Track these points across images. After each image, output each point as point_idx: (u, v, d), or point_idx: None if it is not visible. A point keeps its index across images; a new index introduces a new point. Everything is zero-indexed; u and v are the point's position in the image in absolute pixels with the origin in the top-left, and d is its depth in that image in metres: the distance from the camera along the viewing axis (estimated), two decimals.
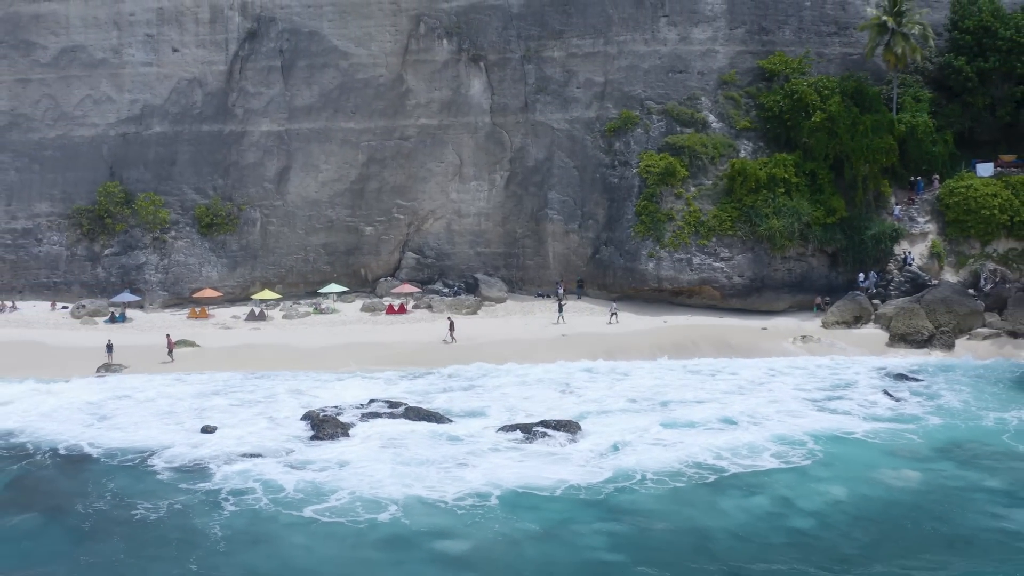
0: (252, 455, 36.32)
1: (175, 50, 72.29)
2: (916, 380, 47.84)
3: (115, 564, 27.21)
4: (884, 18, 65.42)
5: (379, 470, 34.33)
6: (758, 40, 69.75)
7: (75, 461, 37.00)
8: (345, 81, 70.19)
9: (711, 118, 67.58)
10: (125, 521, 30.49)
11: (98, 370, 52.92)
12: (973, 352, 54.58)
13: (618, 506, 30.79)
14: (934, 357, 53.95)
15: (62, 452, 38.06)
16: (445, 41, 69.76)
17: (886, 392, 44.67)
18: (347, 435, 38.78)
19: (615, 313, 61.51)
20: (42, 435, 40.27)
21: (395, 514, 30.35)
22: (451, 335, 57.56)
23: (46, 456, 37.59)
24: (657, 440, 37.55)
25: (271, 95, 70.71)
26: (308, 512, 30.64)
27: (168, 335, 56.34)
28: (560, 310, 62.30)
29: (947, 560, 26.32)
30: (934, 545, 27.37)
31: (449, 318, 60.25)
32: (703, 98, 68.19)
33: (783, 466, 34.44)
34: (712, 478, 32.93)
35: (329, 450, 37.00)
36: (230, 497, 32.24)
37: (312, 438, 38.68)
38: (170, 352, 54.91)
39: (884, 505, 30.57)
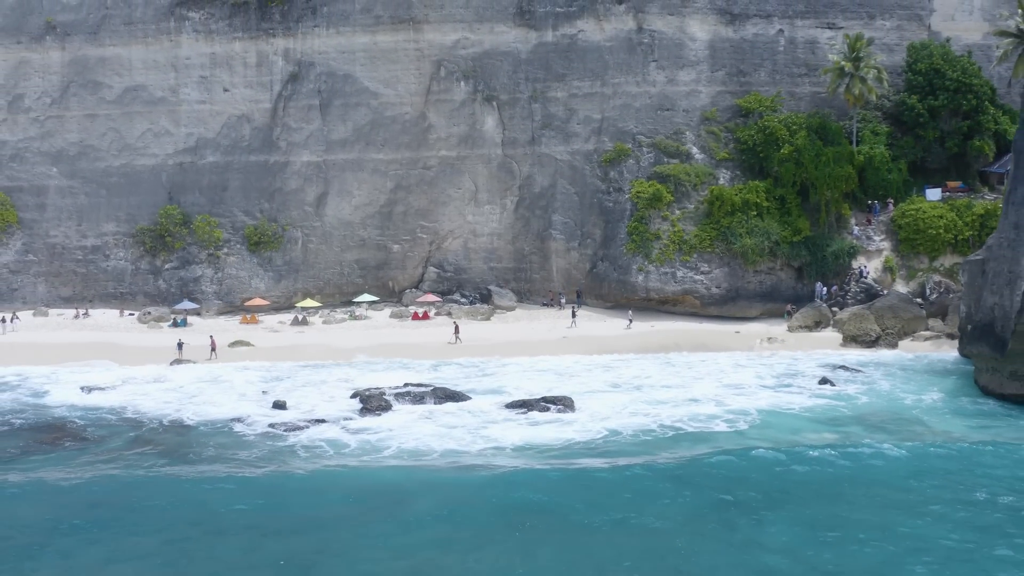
0: (318, 421, 47.28)
1: (226, 90, 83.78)
2: (857, 371, 58.52)
3: (227, 493, 37.97)
4: (843, 64, 76.55)
5: (419, 432, 45.30)
6: (736, 81, 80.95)
7: (179, 427, 47.98)
8: (375, 118, 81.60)
9: (694, 150, 78.72)
10: (229, 464, 41.42)
11: (171, 364, 64.02)
12: (913, 350, 65.35)
13: (606, 450, 41.93)
14: (878, 354, 64.69)
15: (166, 422, 49.04)
16: (462, 83, 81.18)
17: (825, 379, 55.44)
18: (390, 409, 49.71)
19: (631, 320, 72.38)
20: (145, 410, 51.33)
21: (435, 460, 41.25)
22: (456, 337, 68.51)
23: (155, 424, 48.60)
24: (635, 412, 48.45)
25: (310, 130, 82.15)
26: (367, 459, 41.58)
27: (212, 336, 67.38)
28: (574, 315, 73.50)
29: (827, 489, 36.92)
30: (824, 480, 37.94)
31: (455, 323, 71.35)
32: (687, 132, 79.38)
33: (727, 429, 45.44)
34: (671, 434, 43.92)
35: (377, 420, 47.95)
36: (305, 450, 43.16)
37: (361, 411, 49.60)
38: (213, 350, 65.87)
39: (796, 452, 41.28)
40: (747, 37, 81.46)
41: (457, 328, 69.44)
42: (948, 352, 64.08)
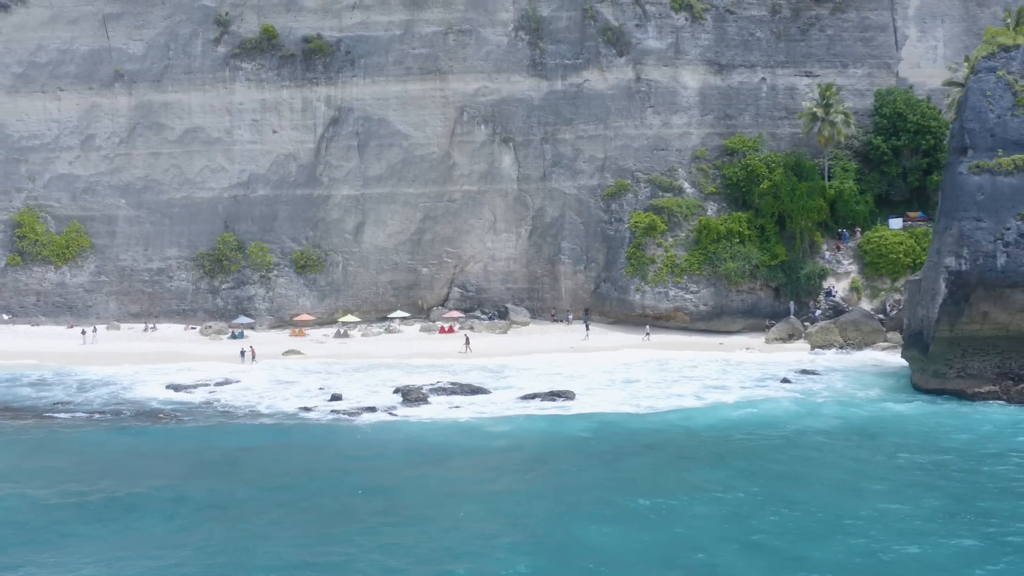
0: (369, 409, 59.74)
1: (274, 131, 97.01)
2: (819, 374, 70.61)
3: (313, 448, 50.29)
4: (815, 110, 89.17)
5: (453, 413, 57.75)
6: (723, 124, 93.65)
7: (260, 414, 60.30)
8: (406, 157, 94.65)
9: (685, 185, 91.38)
10: (310, 434, 53.84)
11: (238, 368, 76.62)
12: (870, 359, 77.36)
13: (599, 420, 54.21)
14: (840, 361, 76.73)
15: (245, 411, 61.44)
16: (482, 126, 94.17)
17: (786, 379, 67.64)
18: (426, 401, 62.10)
19: (648, 334, 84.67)
20: (227, 403, 63.72)
21: (465, 426, 53.81)
22: (467, 347, 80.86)
23: (239, 412, 61.08)
24: (622, 401, 60.76)
25: (349, 167, 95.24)
26: (414, 431, 54.09)
27: (252, 346, 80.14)
28: (587, 328, 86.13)
29: (753, 452, 49.03)
30: (738, 445, 49.81)
31: (465, 335, 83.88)
32: (679, 169, 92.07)
33: (697, 404, 57.85)
34: (649, 412, 56.41)
35: (416, 409, 60.32)
36: (363, 430, 55.58)
37: (403, 402, 61.92)
38: (253, 358, 78.48)
39: (740, 424, 53.46)
40: (733, 85, 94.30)
41: (468, 340, 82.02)
42: (899, 359, 76.04)
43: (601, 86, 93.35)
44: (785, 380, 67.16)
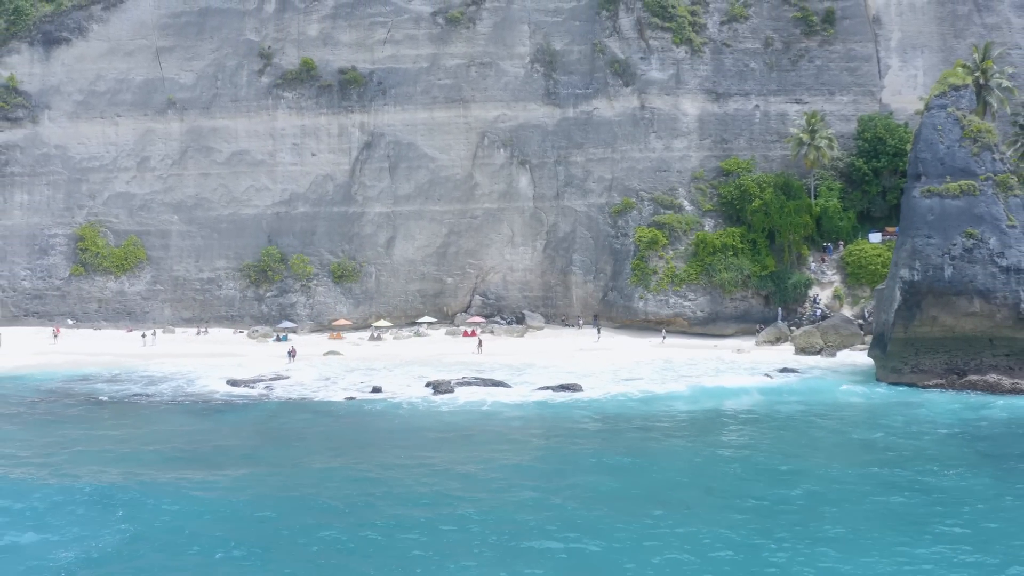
0: (406, 398, 70.88)
1: (313, 154, 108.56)
2: (796, 371, 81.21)
3: (360, 425, 61.39)
4: (801, 135, 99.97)
5: (476, 401, 68.84)
6: (720, 148, 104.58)
7: (313, 403, 71.18)
8: (433, 177, 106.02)
9: (685, 203, 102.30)
10: (361, 416, 64.94)
11: (285, 366, 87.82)
12: (847, 358, 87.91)
13: (602, 405, 65.09)
14: (820, 361, 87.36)
15: (297, 400, 72.50)
16: (502, 150, 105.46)
17: (767, 374, 78.41)
18: (453, 392, 73.12)
19: (665, 336, 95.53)
20: (281, 394, 74.72)
21: (487, 411, 64.84)
22: (479, 349, 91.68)
23: (291, 404, 72.07)
24: (624, 389, 71.69)
25: (381, 187, 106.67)
26: (444, 414, 65.16)
27: (293, 347, 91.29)
28: (599, 332, 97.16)
29: (735, 427, 59.92)
30: (712, 423, 60.48)
31: (479, 338, 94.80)
32: (680, 189, 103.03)
33: (684, 391, 68.66)
34: (643, 396, 67.44)
35: (446, 397, 71.34)
36: (402, 413, 66.67)
37: (433, 393, 72.91)
38: (290, 356, 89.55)
39: (722, 409, 64.19)
40: (729, 112, 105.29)
41: (480, 342, 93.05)
42: (870, 359, 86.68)
43: (609, 113, 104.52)
44: (767, 375, 77.92)
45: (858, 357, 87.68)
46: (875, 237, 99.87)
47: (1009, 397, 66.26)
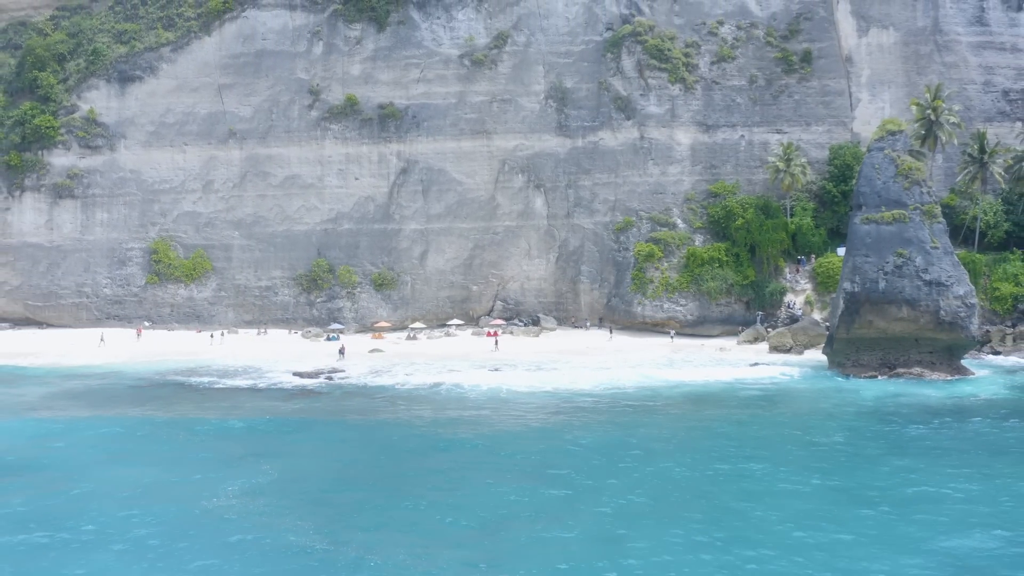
0: (442, 384, 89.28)
1: (356, 179, 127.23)
2: (766, 365, 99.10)
3: (416, 409, 79.85)
4: (778, 163, 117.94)
5: (497, 387, 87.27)
6: (709, 173, 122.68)
7: (371, 388, 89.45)
8: (460, 199, 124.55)
9: (678, 221, 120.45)
10: (411, 397, 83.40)
11: (337, 361, 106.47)
12: (813, 355, 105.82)
13: (602, 392, 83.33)
14: (789, 357, 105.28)
15: (359, 386, 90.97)
16: (520, 175, 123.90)
17: (741, 367, 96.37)
18: (479, 379, 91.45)
19: (673, 338, 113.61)
20: (342, 383, 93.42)
21: (505, 395, 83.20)
22: (496, 347, 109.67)
23: (354, 389, 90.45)
24: (623, 382, 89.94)
25: (415, 207, 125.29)
26: (472, 396, 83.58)
27: (343, 345, 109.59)
28: (611, 332, 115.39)
29: (697, 406, 78.07)
30: (679, 403, 78.92)
31: (495, 338, 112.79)
32: (674, 209, 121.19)
33: (670, 380, 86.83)
34: (632, 387, 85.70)
35: (474, 383, 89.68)
36: (443, 395, 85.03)
37: (464, 381, 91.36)
38: (341, 353, 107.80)
39: (691, 392, 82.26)
40: (718, 141, 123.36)
41: (497, 342, 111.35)
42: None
43: (612, 143, 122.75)
44: (741, 368, 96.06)
45: (819, 354, 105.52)
46: (842, 251, 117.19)
47: (928, 387, 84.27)
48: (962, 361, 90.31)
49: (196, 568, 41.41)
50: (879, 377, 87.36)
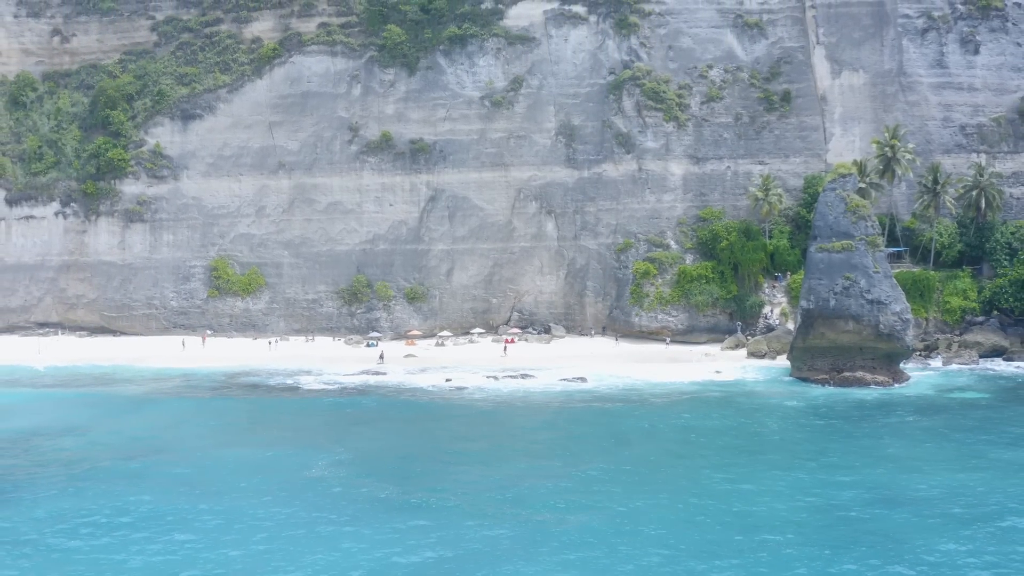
0: (469, 385, 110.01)
1: (391, 205, 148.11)
2: (741, 368, 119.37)
3: (448, 405, 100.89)
4: (757, 193, 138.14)
5: (516, 387, 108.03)
6: (699, 200, 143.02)
7: (407, 389, 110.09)
8: (481, 223, 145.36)
9: (671, 243, 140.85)
10: (443, 396, 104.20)
11: (376, 364, 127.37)
12: (783, 360, 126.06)
13: (598, 391, 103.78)
14: (763, 362, 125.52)
15: (402, 387, 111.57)
16: (533, 202, 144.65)
17: (717, 371, 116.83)
18: (498, 380, 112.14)
19: (668, 344, 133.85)
20: (378, 384, 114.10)
21: (524, 393, 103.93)
22: (505, 352, 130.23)
23: (398, 388, 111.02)
24: (615, 382, 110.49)
25: (443, 230, 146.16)
26: (494, 394, 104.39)
27: (383, 351, 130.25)
28: (616, 339, 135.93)
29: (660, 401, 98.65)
30: (660, 400, 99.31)
31: (504, 345, 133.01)
32: (668, 232, 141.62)
33: (657, 382, 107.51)
34: (624, 387, 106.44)
35: (496, 384, 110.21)
36: (467, 395, 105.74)
37: (488, 382, 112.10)
38: (381, 358, 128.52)
39: (671, 390, 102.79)
40: (707, 172, 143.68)
41: (506, 348, 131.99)
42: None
43: (614, 174, 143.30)
44: (717, 372, 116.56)
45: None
46: None
47: (869, 388, 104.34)
48: (903, 366, 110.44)
49: (316, 507, 62.13)
50: (830, 380, 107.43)
